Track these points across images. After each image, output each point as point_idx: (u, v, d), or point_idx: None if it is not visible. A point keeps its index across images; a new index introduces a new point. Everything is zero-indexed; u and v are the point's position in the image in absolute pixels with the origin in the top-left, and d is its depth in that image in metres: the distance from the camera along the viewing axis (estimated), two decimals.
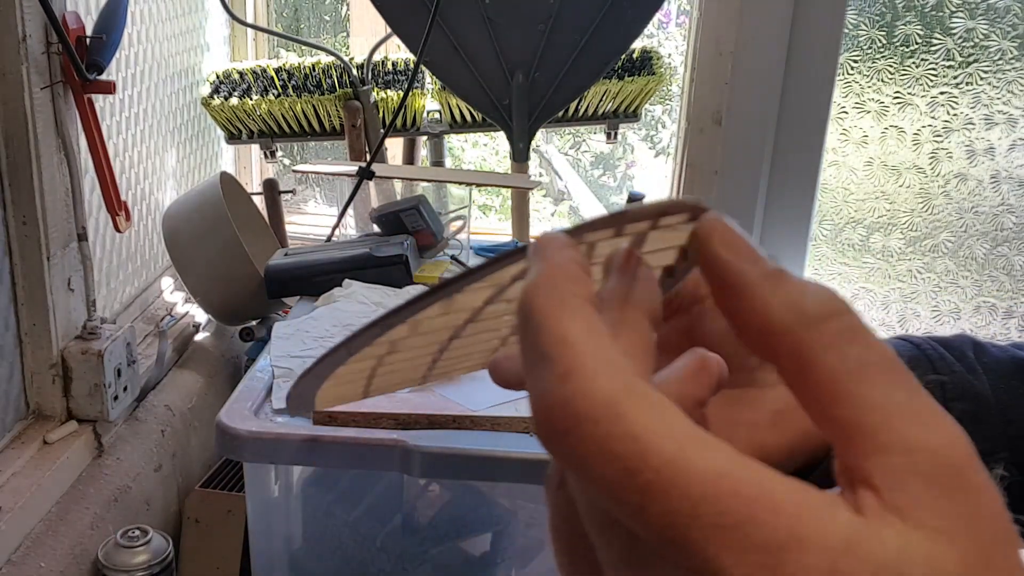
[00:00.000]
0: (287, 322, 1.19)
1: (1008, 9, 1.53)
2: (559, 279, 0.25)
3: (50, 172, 1.08)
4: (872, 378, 0.23)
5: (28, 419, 1.14)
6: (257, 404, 1.02)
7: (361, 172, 1.48)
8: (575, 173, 2.40)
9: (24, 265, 1.09)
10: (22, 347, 1.12)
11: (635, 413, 0.23)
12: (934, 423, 0.23)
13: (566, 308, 0.25)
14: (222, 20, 1.78)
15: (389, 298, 1.22)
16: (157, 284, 1.57)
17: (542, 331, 0.24)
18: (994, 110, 1.58)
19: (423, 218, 1.39)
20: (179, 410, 1.38)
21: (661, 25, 2.12)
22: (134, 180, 1.45)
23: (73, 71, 1.09)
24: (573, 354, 0.24)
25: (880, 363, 0.23)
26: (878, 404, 0.23)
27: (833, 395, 0.23)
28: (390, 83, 1.67)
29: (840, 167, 1.67)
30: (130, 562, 1.11)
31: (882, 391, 0.23)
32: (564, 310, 0.25)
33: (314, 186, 2.01)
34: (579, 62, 1.53)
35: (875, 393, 0.23)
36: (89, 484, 1.15)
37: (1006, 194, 1.64)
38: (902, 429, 0.22)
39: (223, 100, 1.63)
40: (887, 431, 0.22)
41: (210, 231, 1.41)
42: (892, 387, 0.23)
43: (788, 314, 0.24)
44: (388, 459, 0.95)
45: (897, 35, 1.58)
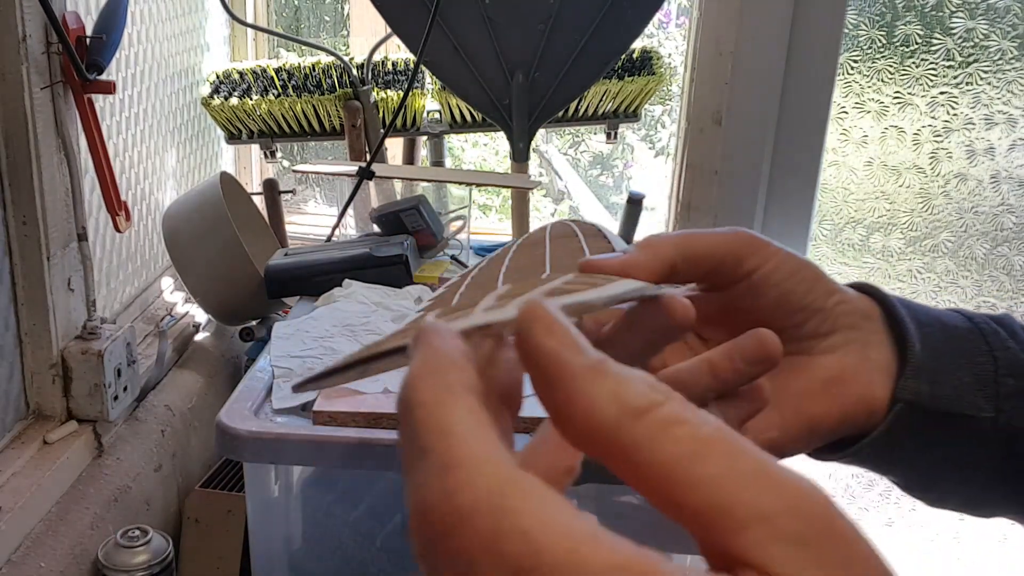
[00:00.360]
0: (287, 322, 1.19)
1: (1008, 9, 1.53)
2: (441, 367, 0.24)
3: (50, 172, 1.08)
4: (711, 455, 0.22)
5: (28, 419, 1.14)
6: (257, 404, 1.02)
7: (361, 172, 1.48)
8: (575, 173, 2.40)
9: (24, 265, 1.09)
10: (22, 347, 1.12)
11: (524, 507, 0.21)
12: (785, 483, 0.22)
13: (448, 397, 0.23)
14: (222, 20, 1.78)
15: (389, 298, 1.21)
16: (157, 284, 1.57)
17: (422, 423, 0.23)
18: (994, 110, 1.58)
19: (423, 218, 1.39)
20: (179, 410, 1.38)
21: (661, 25, 2.12)
22: (134, 180, 1.45)
23: (73, 71, 1.09)
24: (455, 445, 0.22)
25: (715, 438, 0.23)
26: (724, 480, 0.22)
27: (675, 483, 0.22)
28: (390, 83, 1.67)
29: (840, 167, 1.67)
30: (130, 562, 1.11)
31: (724, 466, 0.22)
32: (446, 399, 0.23)
33: (314, 186, 2.01)
34: (579, 62, 1.53)
35: (718, 470, 0.22)
36: (89, 484, 1.15)
37: (1006, 194, 1.63)
38: (756, 499, 0.22)
39: (223, 100, 1.63)
40: (742, 506, 0.22)
41: (210, 231, 1.41)
42: (733, 459, 0.22)
43: (612, 407, 0.23)
44: (388, 459, 0.95)
45: (897, 35, 1.57)
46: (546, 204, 2.38)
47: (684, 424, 0.23)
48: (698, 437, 0.23)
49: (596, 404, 0.23)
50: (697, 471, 0.22)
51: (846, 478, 1.86)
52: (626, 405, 0.23)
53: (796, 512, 0.22)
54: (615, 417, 0.23)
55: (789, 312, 0.47)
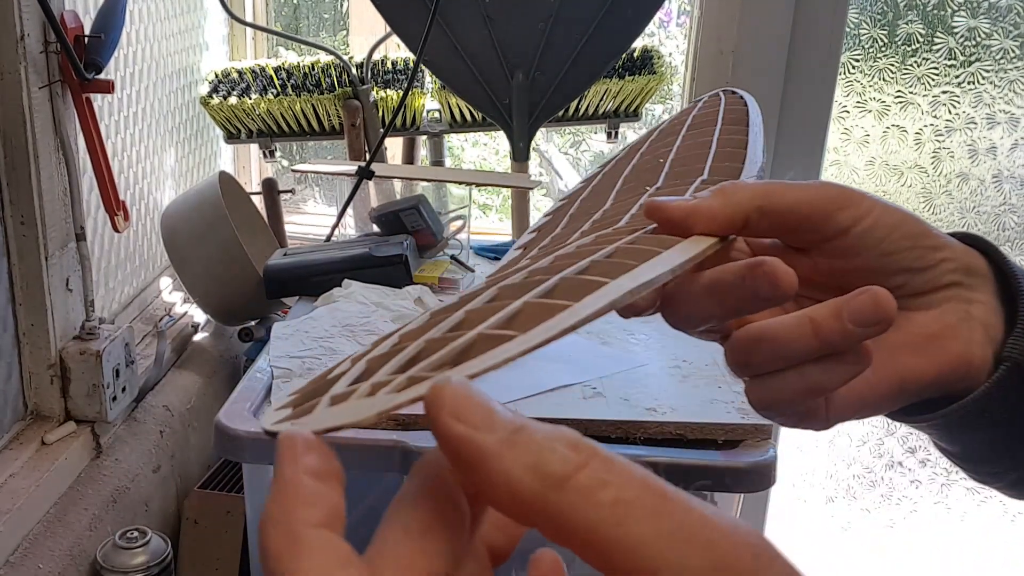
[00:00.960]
0: (286, 322, 1.18)
1: (1010, 8, 1.52)
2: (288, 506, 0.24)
3: (48, 172, 1.08)
4: (635, 517, 0.23)
5: (26, 420, 1.14)
6: (256, 405, 1.02)
7: (360, 172, 1.48)
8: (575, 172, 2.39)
9: (22, 265, 1.08)
10: (20, 347, 1.11)
11: None
12: (711, 540, 0.23)
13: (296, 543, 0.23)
14: (221, 19, 1.78)
15: (389, 298, 1.21)
16: (156, 284, 1.57)
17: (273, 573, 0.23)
18: (996, 109, 1.58)
19: (423, 218, 1.38)
20: (178, 411, 1.37)
21: (662, 24, 2.11)
22: (132, 180, 1.45)
23: (71, 70, 1.09)
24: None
25: (639, 498, 0.23)
26: (649, 541, 0.22)
27: (601, 546, 0.23)
28: (390, 82, 1.67)
29: (842, 167, 1.66)
30: (129, 563, 1.10)
31: (649, 527, 0.22)
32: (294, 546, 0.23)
33: (313, 186, 2.01)
34: (579, 61, 1.52)
35: (642, 531, 0.22)
36: (87, 485, 1.15)
37: (1008, 193, 1.63)
38: (680, 557, 0.22)
39: (222, 99, 1.63)
40: (666, 566, 0.22)
41: (209, 231, 1.40)
42: (658, 519, 0.23)
43: (532, 479, 0.23)
44: (388, 459, 0.95)
45: (899, 34, 1.57)
46: (546, 204, 2.38)
47: (607, 487, 0.23)
48: (621, 500, 0.23)
49: (514, 480, 0.23)
50: (623, 534, 0.22)
51: (848, 479, 1.86)
52: (546, 476, 0.23)
53: (721, 567, 0.22)
54: (537, 490, 0.23)
55: (888, 274, 0.43)
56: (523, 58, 1.52)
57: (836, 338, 0.38)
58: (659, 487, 0.23)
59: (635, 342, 1.20)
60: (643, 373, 1.10)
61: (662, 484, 0.24)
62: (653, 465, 0.96)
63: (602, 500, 0.23)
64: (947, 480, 1.81)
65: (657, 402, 1.03)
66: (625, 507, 0.23)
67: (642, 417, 1.00)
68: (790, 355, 0.39)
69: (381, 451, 0.95)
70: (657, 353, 1.17)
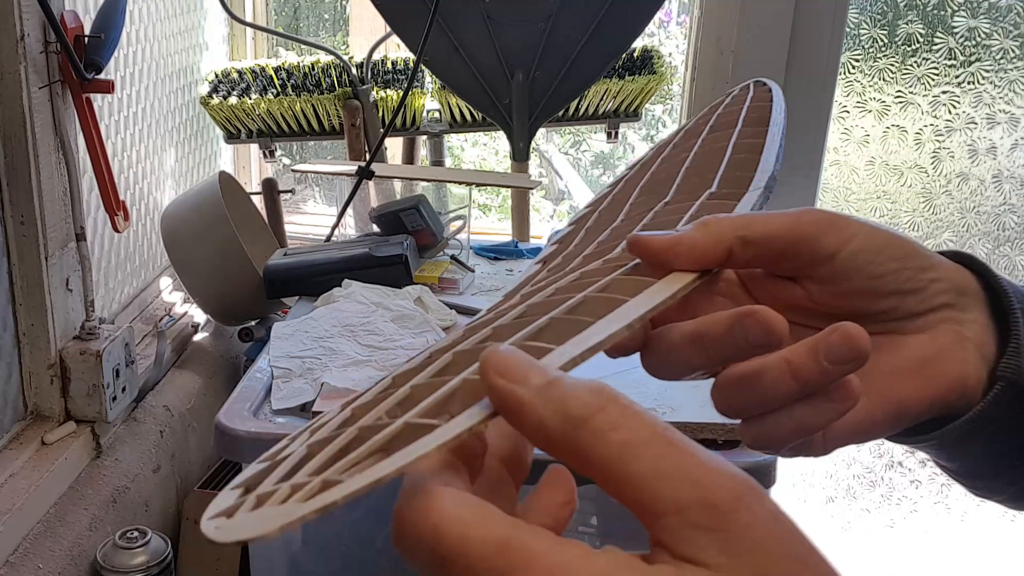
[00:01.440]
0: (286, 322, 1.18)
1: (1010, 8, 1.52)
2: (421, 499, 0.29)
3: (48, 172, 1.08)
4: (639, 456, 0.27)
5: (26, 420, 1.14)
6: (256, 405, 1.02)
7: (360, 172, 1.48)
8: (575, 172, 2.39)
9: (22, 265, 1.08)
10: (20, 347, 1.11)
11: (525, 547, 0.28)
12: (702, 478, 0.27)
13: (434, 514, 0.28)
14: (221, 19, 1.78)
15: (389, 298, 1.21)
16: (156, 284, 1.57)
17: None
18: (996, 109, 1.58)
19: (423, 218, 1.38)
20: (178, 411, 1.37)
21: (662, 24, 2.11)
22: (132, 180, 1.45)
23: (71, 70, 1.08)
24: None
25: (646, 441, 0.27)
26: (649, 477, 0.27)
27: (612, 479, 0.27)
28: (390, 82, 1.67)
29: (841, 166, 1.66)
30: (129, 563, 1.10)
31: (649, 465, 0.27)
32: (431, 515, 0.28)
33: (313, 186, 2.01)
34: (579, 61, 1.52)
35: (644, 468, 0.27)
36: (87, 485, 1.15)
37: (1008, 194, 1.63)
38: (673, 492, 0.26)
39: (222, 99, 1.63)
40: (660, 499, 0.27)
41: (209, 231, 1.40)
42: (659, 459, 0.27)
43: (558, 421, 0.28)
44: None
45: (899, 34, 1.57)
46: (546, 204, 2.38)
47: (618, 429, 0.27)
48: (629, 442, 0.27)
49: (545, 422, 0.28)
50: (629, 471, 0.27)
51: (848, 479, 1.86)
52: (569, 418, 0.28)
53: (707, 503, 0.26)
54: (562, 430, 0.28)
55: (878, 297, 0.42)
56: (523, 58, 1.52)
57: (814, 377, 0.38)
58: (665, 434, 0.27)
59: None
60: (643, 373, 1.10)
61: (670, 432, 0.28)
62: None
63: (613, 440, 0.27)
64: (947, 480, 1.81)
65: (657, 402, 1.03)
66: (632, 448, 0.27)
67: None
68: (774, 398, 0.39)
69: None
70: None
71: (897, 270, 0.42)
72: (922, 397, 0.43)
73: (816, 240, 0.41)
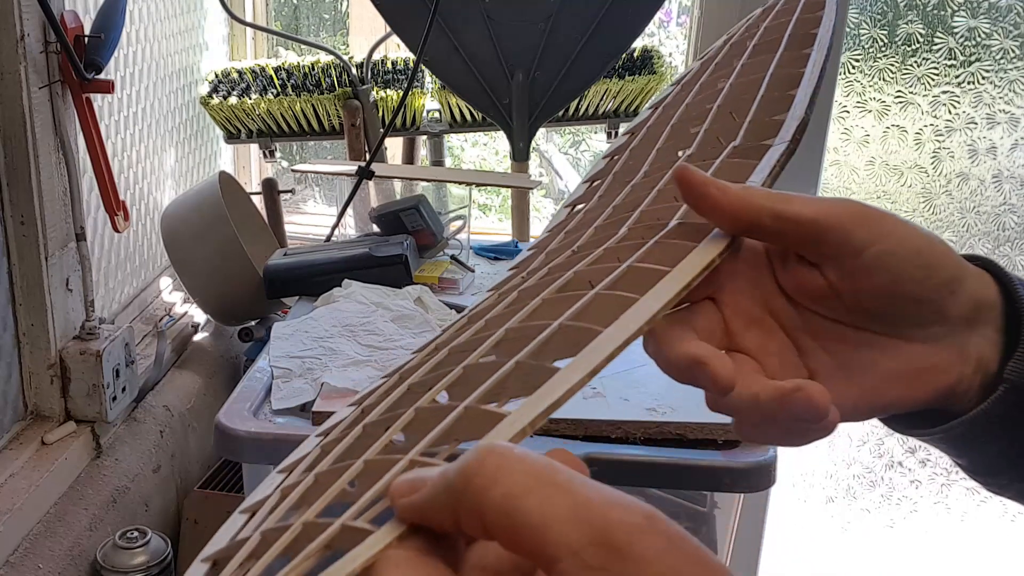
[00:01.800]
0: (286, 322, 1.18)
1: (1010, 8, 1.52)
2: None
3: (48, 172, 1.08)
4: (523, 506, 0.27)
5: (26, 420, 1.14)
6: (256, 405, 1.02)
7: (360, 172, 1.48)
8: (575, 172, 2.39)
9: (22, 265, 1.08)
10: (20, 347, 1.11)
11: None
12: (591, 516, 0.26)
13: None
14: (221, 19, 1.78)
15: (388, 298, 1.21)
16: (156, 284, 1.57)
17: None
18: (996, 109, 1.58)
19: (423, 218, 1.38)
20: (178, 411, 1.37)
21: (662, 24, 2.11)
22: (132, 180, 1.45)
23: (71, 70, 1.09)
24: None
25: (528, 489, 0.27)
26: (537, 525, 0.26)
27: (506, 534, 0.27)
28: (390, 82, 1.67)
29: (841, 166, 1.66)
30: (128, 563, 1.10)
31: (536, 512, 0.26)
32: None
33: (313, 186, 2.01)
34: (579, 61, 1.52)
35: (531, 517, 0.26)
36: (87, 485, 1.15)
37: (1008, 194, 1.63)
38: (563, 536, 0.26)
39: (222, 99, 1.63)
40: (552, 544, 0.26)
41: (209, 231, 1.40)
42: (544, 504, 0.27)
43: (447, 497, 0.28)
44: None
45: (899, 34, 1.57)
46: (546, 204, 2.38)
47: (497, 484, 0.27)
48: (510, 493, 0.27)
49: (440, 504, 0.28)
50: (515, 522, 0.27)
51: (848, 479, 1.86)
52: (453, 489, 0.28)
53: (598, 542, 0.26)
54: (452, 504, 0.28)
55: (896, 300, 0.42)
56: (523, 58, 1.52)
57: (780, 419, 0.40)
58: (549, 477, 0.27)
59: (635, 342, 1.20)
60: (643, 373, 1.10)
61: (555, 474, 0.27)
62: (653, 465, 0.96)
63: (494, 496, 0.27)
64: (947, 480, 1.81)
65: (657, 402, 1.03)
66: (514, 499, 0.27)
67: (642, 417, 1.00)
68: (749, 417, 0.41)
69: None
70: None
71: (922, 279, 0.42)
72: (907, 402, 0.44)
73: (848, 232, 0.41)
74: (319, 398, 1.01)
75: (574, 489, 0.27)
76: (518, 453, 0.28)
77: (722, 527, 1.07)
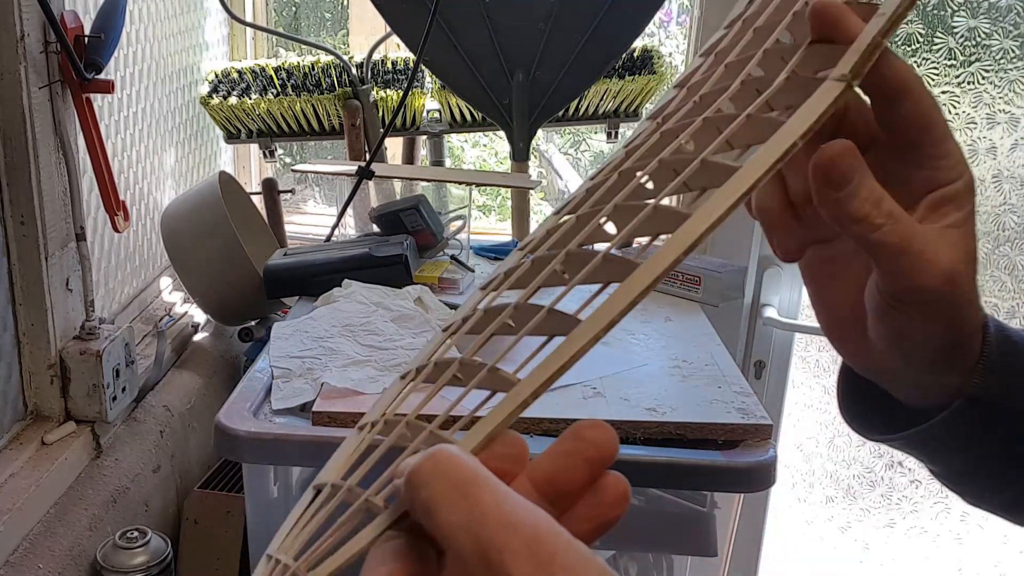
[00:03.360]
0: (286, 322, 1.18)
1: (1010, 8, 1.52)
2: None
3: (48, 172, 1.08)
4: (439, 510, 0.29)
5: (26, 420, 1.14)
6: (256, 405, 1.02)
7: (360, 172, 1.48)
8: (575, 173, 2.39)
9: (22, 265, 1.08)
10: (20, 347, 1.11)
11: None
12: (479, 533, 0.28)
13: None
14: (221, 19, 1.78)
15: (388, 298, 1.21)
16: (156, 284, 1.57)
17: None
18: (996, 109, 1.58)
19: (423, 218, 1.38)
20: (178, 411, 1.37)
21: (662, 24, 2.11)
22: (132, 180, 1.45)
23: (71, 70, 1.08)
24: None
25: (445, 494, 0.29)
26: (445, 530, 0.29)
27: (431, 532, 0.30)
28: (390, 82, 1.67)
29: None
30: (128, 563, 1.10)
31: (445, 518, 0.29)
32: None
33: (313, 186, 2.01)
34: (579, 61, 1.52)
35: (442, 521, 0.29)
36: (87, 485, 1.15)
37: (1008, 193, 1.63)
38: (458, 543, 0.29)
39: (222, 99, 1.63)
40: (452, 548, 0.29)
41: (209, 231, 1.40)
42: (451, 512, 0.29)
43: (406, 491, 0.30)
44: (387, 460, 0.95)
45: (899, 34, 1.57)
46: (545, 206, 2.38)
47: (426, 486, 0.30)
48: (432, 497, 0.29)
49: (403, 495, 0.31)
50: (432, 523, 0.29)
51: (848, 479, 1.86)
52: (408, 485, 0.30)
53: (481, 557, 0.28)
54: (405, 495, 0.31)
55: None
56: (523, 58, 1.52)
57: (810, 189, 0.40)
58: (465, 487, 0.29)
59: (635, 342, 1.20)
60: (643, 373, 1.10)
61: (472, 485, 0.29)
62: (653, 465, 0.96)
63: (421, 496, 0.29)
64: None
65: (657, 402, 1.03)
66: (435, 503, 0.29)
67: (642, 417, 1.00)
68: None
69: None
70: (657, 353, 1.17)
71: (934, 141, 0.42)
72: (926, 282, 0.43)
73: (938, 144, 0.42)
74: (319, 398, 1.01)
75: (481, 501, 0.29)
76: (454, 460, 0.30)
77: (722, 527, 1.07)
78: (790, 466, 1.85)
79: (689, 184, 0.35)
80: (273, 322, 1.34)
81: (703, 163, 0.35)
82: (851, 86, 0.36)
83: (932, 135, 0.42)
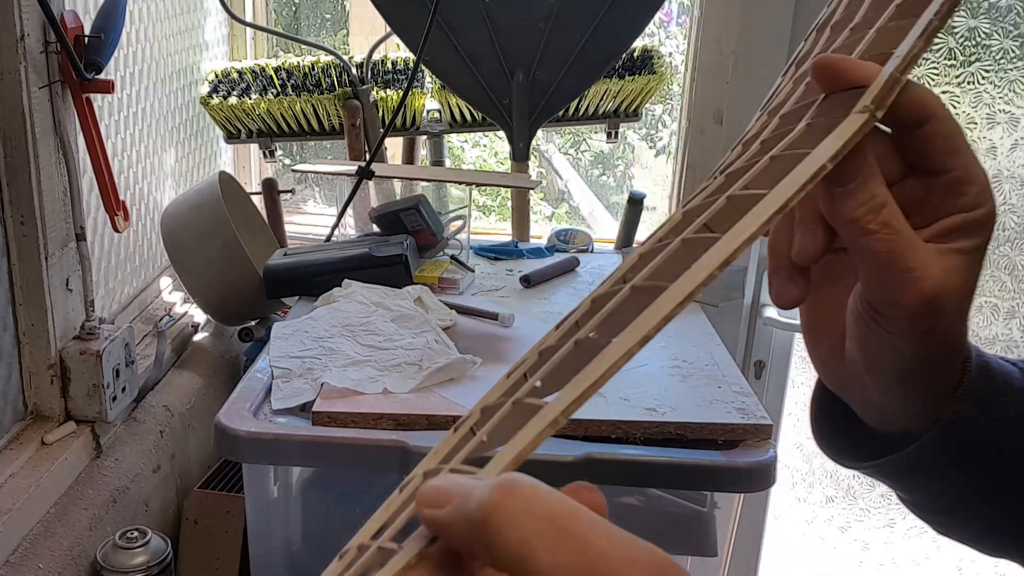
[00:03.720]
0: (286, 322, 1.18)
1: (1010, 8, 1.52)
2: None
3: (48, 172, 1.08)
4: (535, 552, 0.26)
5: (26, 420, 1.14)
6: (256, 405, 1.02)
7: (360, 172, 1.48)
8: (575, 173, 2.39)
9: (22, 265, 1.08)
10: (20, 347, 1.11)
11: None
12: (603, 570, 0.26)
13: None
14: (221, 19, 1.78)
15: (388, 298, 1.21)
16: (156, 284, 1.57)
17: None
18: (996, 109, 1.58)
19: (423, 218, 1.38)
20: (178, 411, 1.37)
21: (662, 24, 2.11)
22: (132, 180, 1.45)
23: (71, 70, 1.09)
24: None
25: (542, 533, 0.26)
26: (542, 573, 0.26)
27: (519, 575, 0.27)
28: (390, 82, 1.67)
29: None
30: (128, 563, 1.10)
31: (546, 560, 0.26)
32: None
33: (313, 186, 2.01)
34: (579, 61, 1.52)
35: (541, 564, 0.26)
36: (87, 485, 1.15)
37: (1008, 193, 1.63)
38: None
39: (222, 99, 1.63)
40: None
41: (209, 231, 1.40)
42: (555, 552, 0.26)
43: (465, 527, 0.27)
44: (388, 459, 0.95)
45: None
46: (545, 206, 2.38)
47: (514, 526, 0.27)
48: (524, 538, 0.27)
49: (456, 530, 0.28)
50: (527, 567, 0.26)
51: (848, 479, 1.85)
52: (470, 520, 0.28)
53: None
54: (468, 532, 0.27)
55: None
56: (523, 58, 1.52)
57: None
58: (565, 523, 0.27)
59: None
60: (643, 373, 1.10)
61: (571, 520, 0.27)
62: (653, 465, 0.96)
63: (510, 537, 0.26)
64: None
65: (657, 402, 1.03)
66: (528, 544, 0.26)
67: (642, 417, 1.00)
68: None
69: (381, 451, 0.95)
70: (657, 353, 1.17)
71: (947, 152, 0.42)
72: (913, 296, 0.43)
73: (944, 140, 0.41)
74: (319, 398, 1.01)
75: (590, 540, 0.26)
76: (541, 493, 0.27)
77: (722, 527, 1.07)
78: (790, 466, 1.85)
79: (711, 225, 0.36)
80: (273, 322, 1.34)
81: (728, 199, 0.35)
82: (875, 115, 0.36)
83: (959, 160, 0.41)
